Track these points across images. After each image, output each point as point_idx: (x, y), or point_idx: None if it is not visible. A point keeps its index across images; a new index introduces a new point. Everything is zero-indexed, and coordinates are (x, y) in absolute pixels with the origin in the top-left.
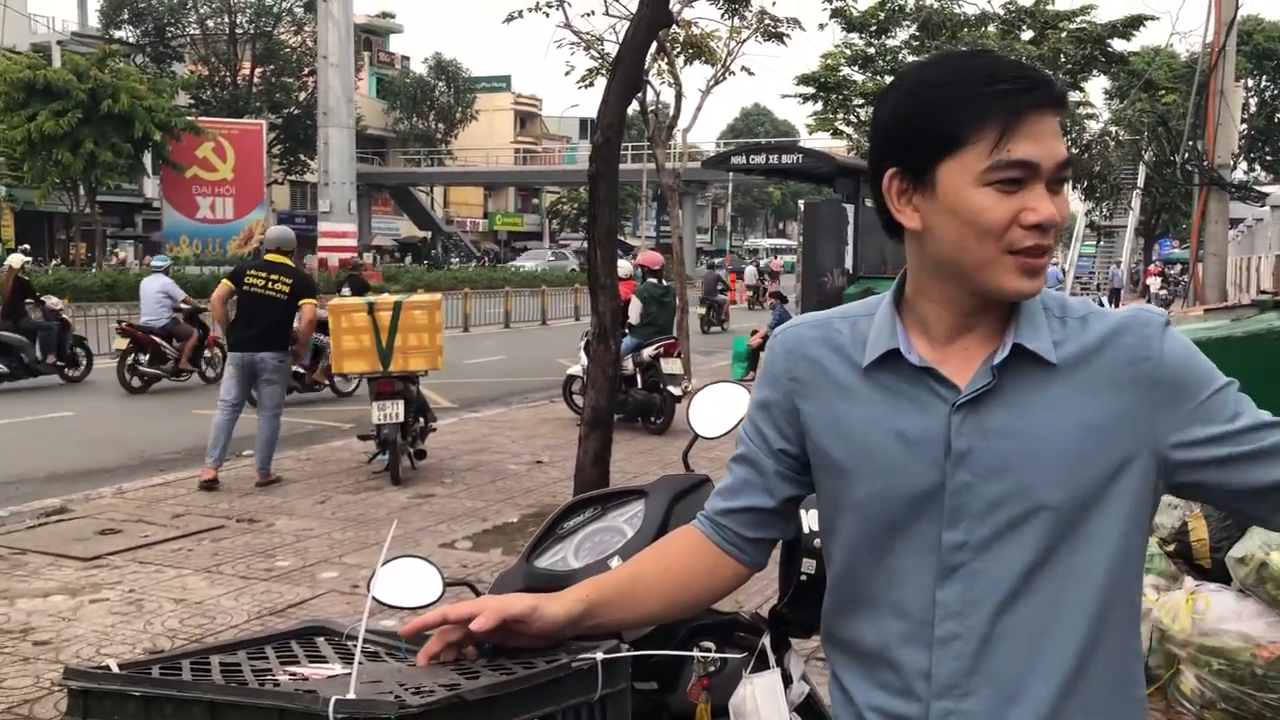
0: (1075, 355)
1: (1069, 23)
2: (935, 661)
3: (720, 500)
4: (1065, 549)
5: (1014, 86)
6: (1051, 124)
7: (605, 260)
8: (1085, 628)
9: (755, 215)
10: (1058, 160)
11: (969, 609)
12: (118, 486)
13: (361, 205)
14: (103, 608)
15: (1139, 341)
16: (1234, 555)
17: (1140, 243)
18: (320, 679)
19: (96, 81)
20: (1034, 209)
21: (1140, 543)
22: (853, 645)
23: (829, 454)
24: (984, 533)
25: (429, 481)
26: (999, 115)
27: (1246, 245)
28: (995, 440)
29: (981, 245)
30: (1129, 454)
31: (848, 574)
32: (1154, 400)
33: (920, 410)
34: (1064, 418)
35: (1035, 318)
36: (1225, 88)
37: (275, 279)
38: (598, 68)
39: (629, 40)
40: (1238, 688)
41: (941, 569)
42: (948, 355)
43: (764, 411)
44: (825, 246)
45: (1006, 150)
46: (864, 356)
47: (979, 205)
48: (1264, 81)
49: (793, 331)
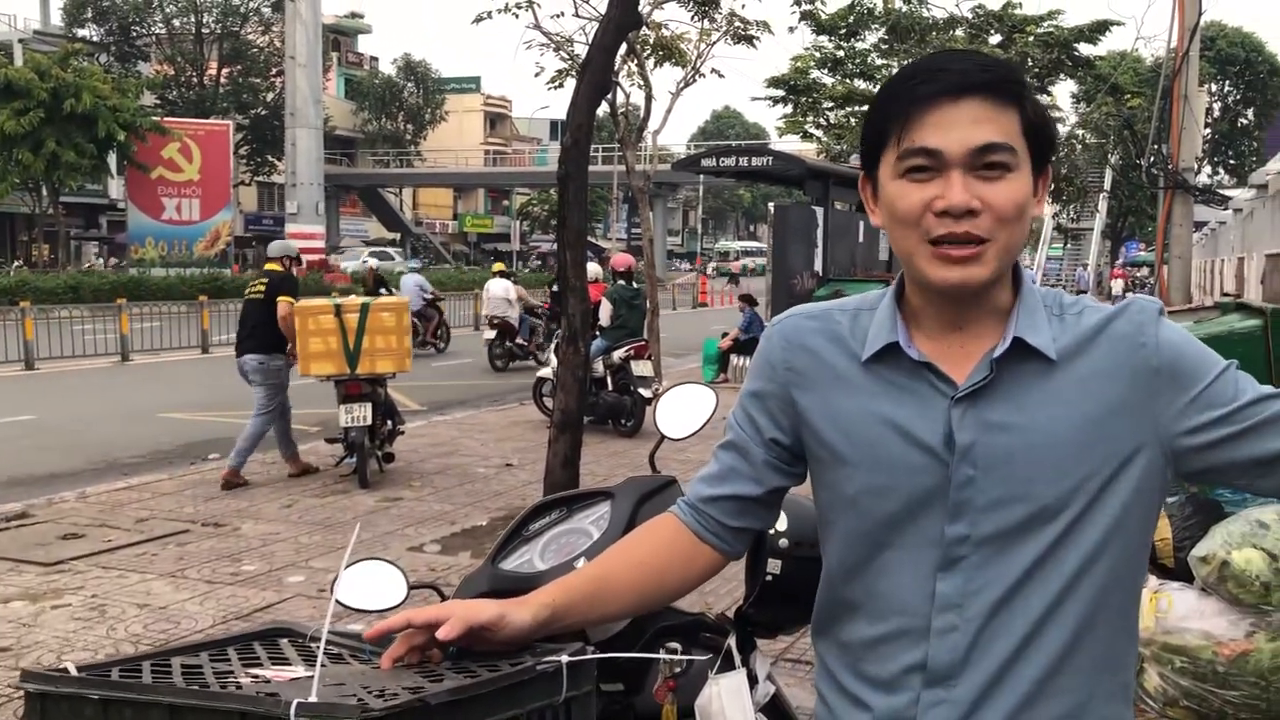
0: (1072, 347)
1: (1036, 27)
2: (931, 654)
3: (704, 487)
4: (1067, 545)
5: (923, 79)
6: (970, 110)
7: (575, 262)
8: (1080, 615)
9: (726, 218)
10: (969, 146)
11: (968, 602)
12: (80, 491)
13: (329, 207)
14: (64, 613)
15: (1133, 329)
16: (1196, 554)
17: (1107, 245)
18: (283, 681)
19: (59, 80)
20: (941, 195)
21: (1144, 532)
22: (846, 638)
23: (830, 446)
24: (987, 529)
25: (397, 485)
26: (903, 106)
27: (1210, 248)
28: (997, 434)
29: (904, 235)
30: (1134, 447)
31: (844, 567)
32: (1153, 389)
33: (920, 404)
34: (1064, 411)
35: (1035, 314)
36: (1189, 92)
37: (257, 282)
38: (567, 69)
39: (598, 42)
40: (1200, 685)
41: (943, 562)
42: (945, 351)
43: (758, 400)
44: (795, 249)
45: (910, 139)
46: (864, 349)
47: (894, 195)
48: (1227, 86)
49: (791, 322)
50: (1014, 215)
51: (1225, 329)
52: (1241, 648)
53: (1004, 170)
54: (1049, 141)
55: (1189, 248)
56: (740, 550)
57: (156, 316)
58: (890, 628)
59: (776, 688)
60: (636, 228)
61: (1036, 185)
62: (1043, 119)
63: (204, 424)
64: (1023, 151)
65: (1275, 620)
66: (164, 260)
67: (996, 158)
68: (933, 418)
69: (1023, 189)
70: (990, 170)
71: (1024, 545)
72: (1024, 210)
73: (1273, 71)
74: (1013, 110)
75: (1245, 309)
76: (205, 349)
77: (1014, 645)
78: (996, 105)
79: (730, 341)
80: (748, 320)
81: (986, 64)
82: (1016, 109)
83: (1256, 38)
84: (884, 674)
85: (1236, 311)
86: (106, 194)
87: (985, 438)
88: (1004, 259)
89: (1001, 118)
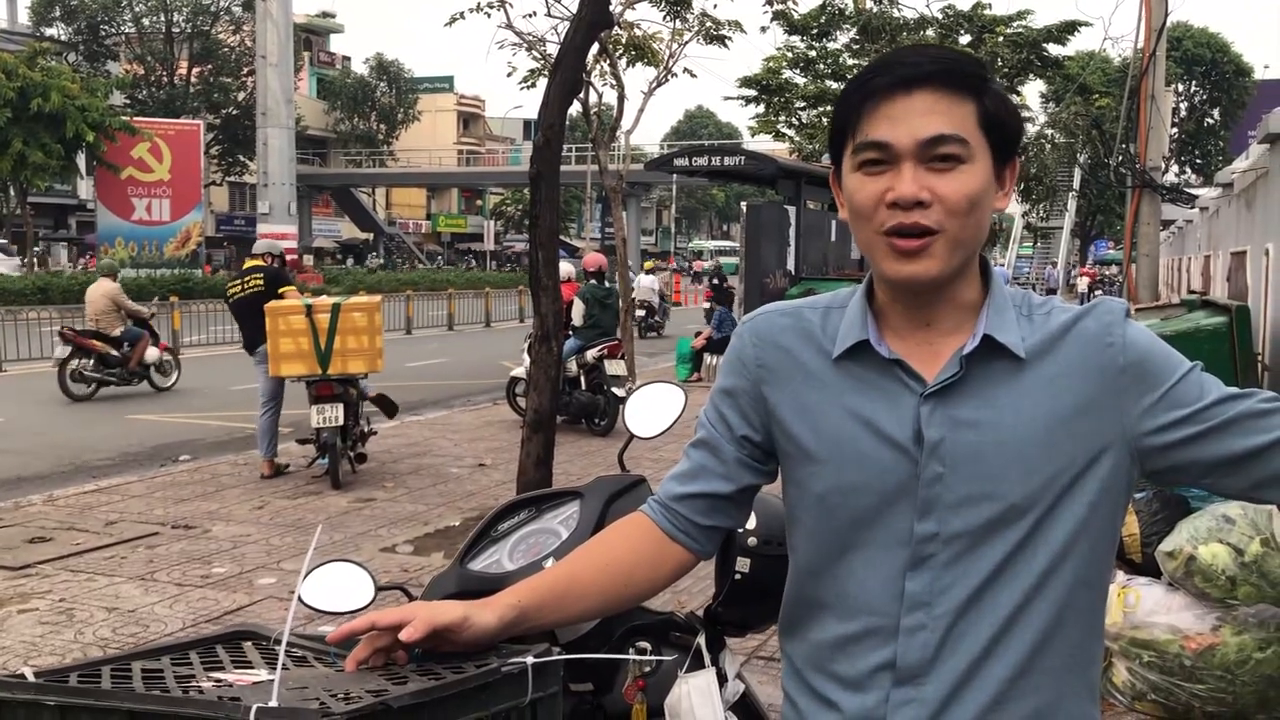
0: (1040, 346)
1: (1006, 27)
2: (900, 653)
3: (675, 485)
4: (1035, 543)
5: (876, 73)
6: (921, 102)
7: (547, 261)
8: (1049, 613)
9: (699, 217)
10: (917, 138)
11: (937, 600)
12: (49, 493)
13: (302, 207)
14: (31, 618)
15: (1101, 328)
16: (1163, 549)
17: (1076, 244)
18: (245, 685)
19: (26, 80)
20: (892, 187)
21: (1111, 530)
22: (814, 637)
23: (799, 442)
24: (956, 526)
25: (370, 485)
26: (858, 100)
27: (1177, 246)
28: (965, 431)
29: (860, 228)
30: (1101, 446)
31: (812, 566)
32: (1120, 387)
33: (890, 401)
34: (1032, 409)
35: (1005, 312)
36: (1156, 92)
37: (250, 280)
38: (540, 69)
39: (569, 41)
40: (1167, 679)
41: (912, 560)
42: (914, 348)
43: (729, 398)
44: (768, 248)
45: (864, 133)
46: (835, 346)
47: (852, 188)
48: (1193, 86)
49: (763, 319)
50: (965, 208)
51: (1191, 326)
52: (1208, 641)
53: (955, 162)
54: (1012, 133)
55: (1156, 246)
56: (711, 550)
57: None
58: (859, 627)
59: (746, 686)
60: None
61: (1004, 177)
62: (1004, 111)
63: (174, 425)
64: (978, 143)
65: (1241, 614)
66: (134, 261)
67: (947, 149)
68: (902, 414)
69: (975, 181)
70: (942, 162)
71: (992, 543)
72: (977, 202)
73: (1238, 72)
74: (968, 101)
75: (1211, 306)
76: (176, 350)
77: (983, 644)
78: (949, 97)
79: (703, 340)
80: (719, 318)
81: (939, 56)
82: (973, 100)
83: (1222, 38)
84: (852, 673)
85: (1202, 309)
86: (76, 194)
87: (954, 434)
88: (956, 252)
89: (955, 109)
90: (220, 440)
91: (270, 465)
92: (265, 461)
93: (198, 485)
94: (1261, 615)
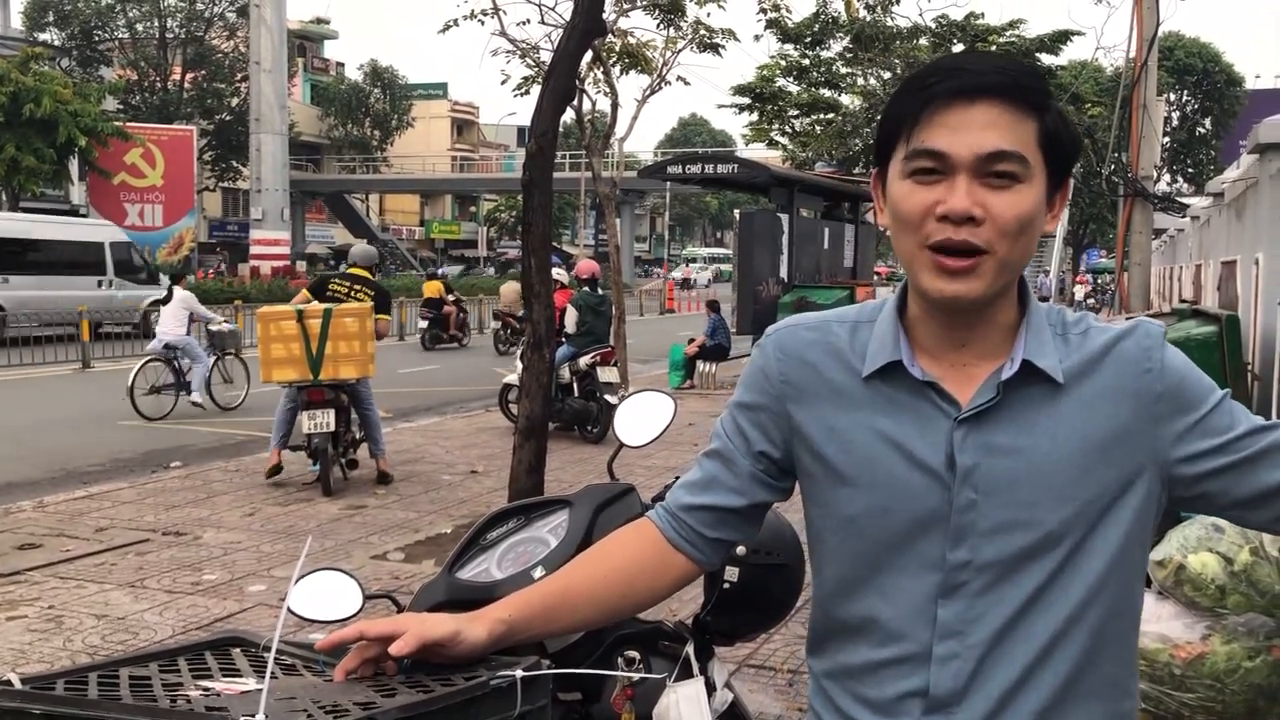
0: (1077, 369)
1: (999, 37)
2: (933, 682)
3: (685, 494)
4: (1071, 572)
5: (939, 77)
6: (983, 114)
7: (539, 267)
8: (1084, 644)
9: (693, 224)
10: (977, 152)
11: (970, 629)
12: (38, 500)
13: (295, 213)
14: (20, 625)
15: (1140, 353)
16: (1153, 558)
17: (1069, 252)
18: (232, 694)
19: (19, 85)
20: (944, 200)
21: (1142, 556)
22: (844, 660)
23: (829, 463)
24: (989, 555)
25: (361, 492)
26: (916, 104)
27: (1169, 255)
28: (1000, 457)
29: (904, 237)
30: (1134, 470)
31: (839, 588)
32: (1155, 413)
33: (922, 424)
34: (1068, 435)
35: (1043, 334)
36: (1148, 102)
37: (358, 290)
38: (533, 76)
39: (562, 48)
40: (1157, 688)
41: (944, 588)
42: (947, 371)
43: (748, 412)
44: (761, 256)
45: (919, 140)
46: (864, 364)
47: (898, 195)
48: (1185, 96)
49: (788, 333)
50: (1017, 228)
51: (1182, 335)
52: (1198, 650)
53: (1012, 180)
54: (1070, 154)
55: (1148, 255)
56: (715, 562)
57: (119, 323)
58: (890, 653)
59: (735, 695)
60: (604, 234)
61: (1054, 199)
62: (1064, 130)
63: (166, 432)
64: (1036, 163)
65: (1230, 623)
66: None
67: (1006, 166)
68: (934, 439)
69: (1030, 201)
70: (998, 179)
71: (1027, 572)
72: (1029, 224)
73: (1230, 81)
74: (1030, 118)
75: (1201, 315)
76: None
77: (1017, 674)
78: (1013, 111)
79: (696, 347)
80: (712, 325)
81: (1006, 67)
82: (1035, 117)
83: (1214, 48)
84: (882, 698)
85: (1193, 318)
86: (68, 200)
87: (988, 461)
88: (1003, 274)
89: (1017, 125)
90: (212, 446)
91: (277, 455)
92: (274, 450)
93: (189, 492)
94: (1251, 624)
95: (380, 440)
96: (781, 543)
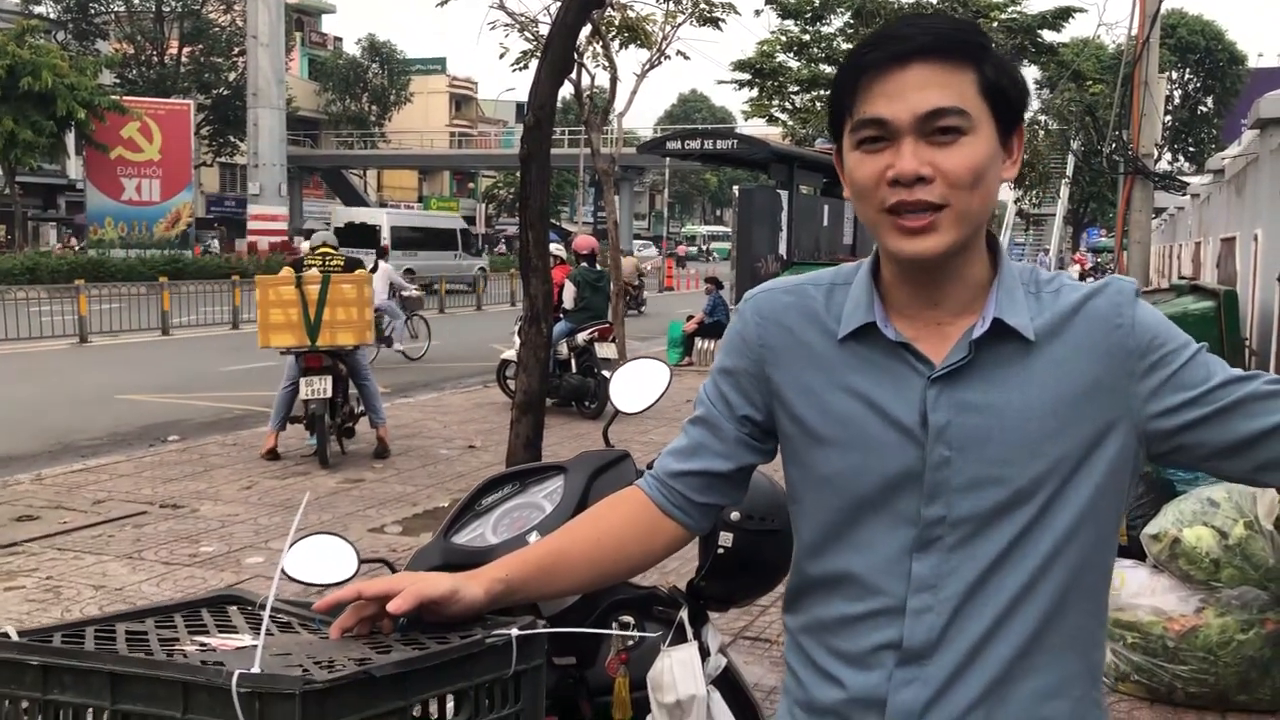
0: (1048, 326)
1: (1000, 13)
2: (906, 634)
3: (672, 461)
4: (1042, 526)
5: (869, 48)
6: (917, 75)
7: (537, 242)
8: (1054, 594)
9: (693, 201)
10: (915, 113)
11: (944, 583)
12: (36, 473)
13: (292, 188)
14: (18, 595)
15: (1111, 309)
16: (1148, 532)
17: (1069, 230)
18: (228, 650)
19: (15, 58)
20: (892, 164)
21: (1115, 512)
22: (819, 614)
23: (804, 424)
24: (963, 510)
25: (358, 466)
26: (854, 76)
27: (1169, 233)
28: (972, 415)
29: (864, 205)
30: (1106, 424)
31: (816, 545)
32: (1128, 369)
33: (896, 384)
34: (1039, 392)
35: (1015, 293)
36: (1149, 79)
37: (331, 260)
38: (532, 50)
39: (559, 21)
40: (1150, 660)
41: (918, 543)
42: (921, 330)
43: (729, 377)
44: (760, 232)
45: (861, 111)
46: (840, 326)
47: (851, 166)
48: (1187, 74)
49: (765, 297)
50: (969, 180)
51: (1180, 310)
52: (1191, 623)
53: (957, 134)
54: (1015, 100)
55: (1148, 233)
56: (705, 526)
57: (116, 298)
58: (865, 607)
59: (729, 660)
60: (602, 211)
61: (1011, 145)
62: (1005, 77)
63: (163, 406)
64: (980, 113)
65: (1224, 596)
66: (123, 241)
67: (947, 122)
68: (909, 398)
69: (979, 152)
70: (943, 135)
71: (1000, 527)
72: (981, 174)
73: (1232, 60)
74: (967, 71)
75: (1200, 291)
76: (166, 331)
77: (987, 625)
78: (947, 68)
79: (695, 324)
80: (712, 303)
81: (933, 27)
82: (972, 69)
83: (1216, 26)
84: (856, 650)
85: (1191, 294)
86: (65, 174)
87: (960, 418)
88: (963, 226)
89: (953, 80)
90: (209, 421)
91: (274, 438)
92: (270, 433)
93: (186, 465)
94: (1244, 597)
95: (380, 409)
96: (775, 508)
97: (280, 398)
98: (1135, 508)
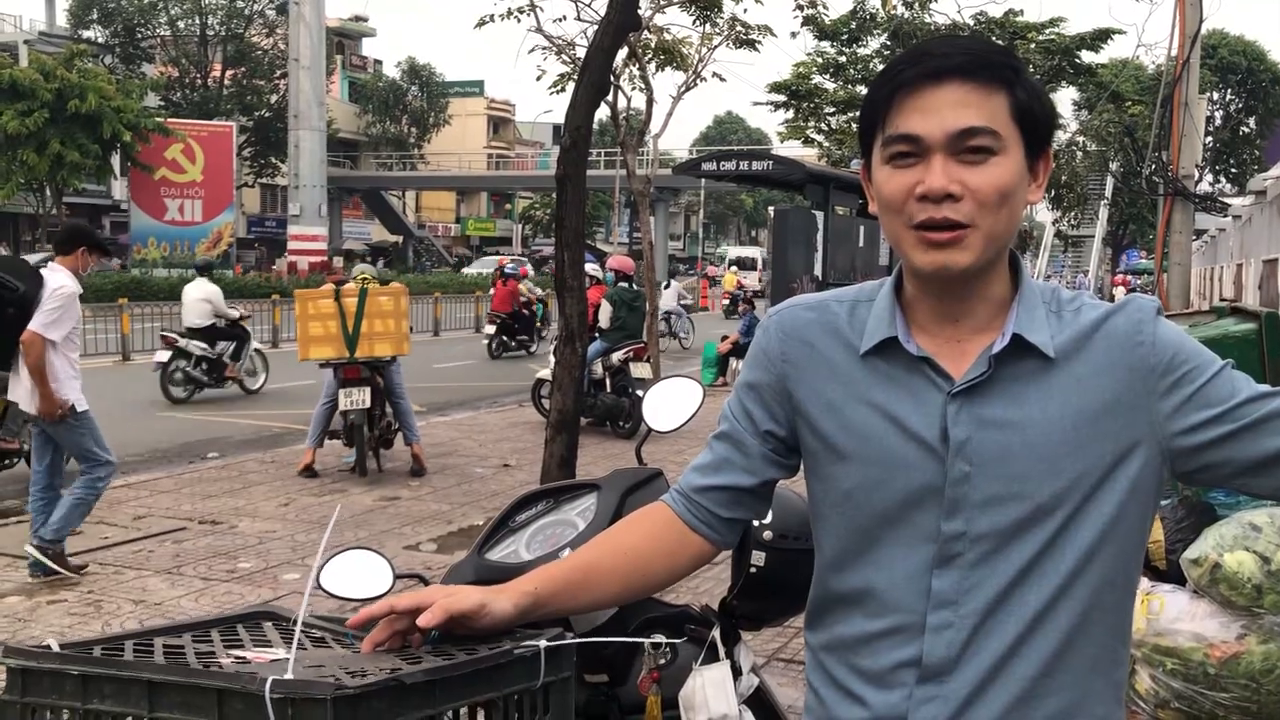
0: (1069, 344)
1: (1038, 34)
2: (926, 651)
3: (697, 477)
4: (1063, 543)
5: (905, 65)
6: (951, 94)
7: (573, 262)
8: (1075, 614)
9: (728, 222)
10: (947, 130)
11: (964, 599)
12: None
13: (332, 209)
14: (60, 609)
15: (1131, 327)
16: (1188, 557)
17: (1108, 252)
18: (262, 661)
19: (64, 81)
20: (922, 180)
21: (1140, 531)
22: (840, 631)
23: (826, 438)
24: (983, 526)
25: (394, 484)
26: (887, 92)
27: (1210, 255)
28: (992, 430)
29: (891, 220)
30: (1129, 442)
31: (837, 561)
32: (1150, 387)
33: (917, 399)
34: (1060, 408)
35: (1035, 311)
36: (1190, 100)
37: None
38: (569, 73)
39: (597, 44)
40: (1191, 687)
41: (938, 559)
42: (942, 346)
43: (753, 392)
44: (795, 253)
45: (894, 126)
46: (862, 342)
47: (880, 181)
48: (1229, 95)
49: (789, 313)
50: (996, 200)
51: (1220, 332)
52: (1233, 650)
53: (987, 154)
54: (1044, 124)
55: (1189, 255)
56: (731, 541)
57: (158, 316)
58: (885, 624)
59: (760, 680)
60: (638, 232)
61: (1037, 169)
62: (1036, 102)
63: (203, 423)
64: (1010, 135)
65: (1267, 623)
66: (166, 261)
67: (978, 141)
68: (929, 412)
69: (1007, 173)
70: (973, 154)
71: (1020, 543)
72: (1008, 195)
73: (1275, 80)
74: (1000, 93)
75: (1240, 313)
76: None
77: (1008, 643)
78: (980, 88)
79: (729, 344)
80: (747, 323)
81: (970, 47)
82: (1005, 91)
83: (1259, 46)
84: (876, 668)
85: (1232, 315)
86: (110, 195)
87: (981, 434)
88: (989, 246)
89: (986, 101)
90: (248, 438)
91: (312, 454)
92: (308, 449)
93: (225, 482)
94: None
95: (414, 428)
96: (808, 527)
97: (318, 414)
98: (1175, 532)
